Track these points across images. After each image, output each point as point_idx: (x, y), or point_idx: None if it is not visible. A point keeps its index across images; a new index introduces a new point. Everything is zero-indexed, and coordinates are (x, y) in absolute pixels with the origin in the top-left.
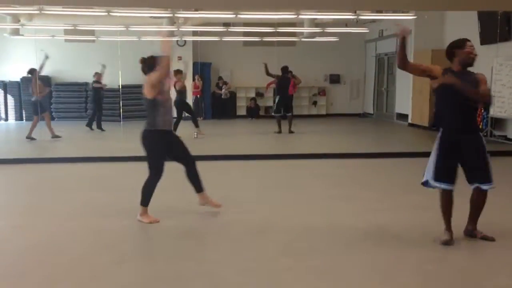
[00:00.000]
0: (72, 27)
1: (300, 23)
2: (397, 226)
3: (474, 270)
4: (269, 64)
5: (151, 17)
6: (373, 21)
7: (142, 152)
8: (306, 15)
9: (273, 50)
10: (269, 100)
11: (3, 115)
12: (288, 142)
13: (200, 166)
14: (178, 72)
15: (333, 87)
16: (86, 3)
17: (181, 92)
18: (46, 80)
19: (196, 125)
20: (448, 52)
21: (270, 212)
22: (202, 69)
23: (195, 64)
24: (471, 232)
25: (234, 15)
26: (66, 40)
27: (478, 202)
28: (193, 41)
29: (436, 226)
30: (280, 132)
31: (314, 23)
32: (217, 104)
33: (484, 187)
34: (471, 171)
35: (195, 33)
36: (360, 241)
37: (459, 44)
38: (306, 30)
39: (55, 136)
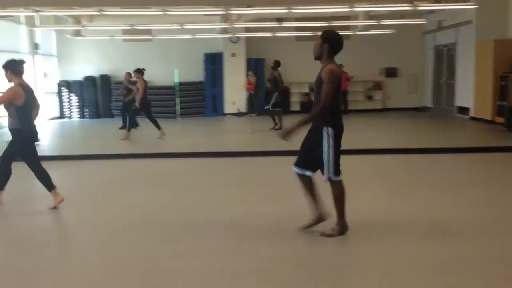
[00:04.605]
0: (130, 27)
1: (354, 16)
2: (458, 223)
3: None
4: None
5: (205, 14)
6: (431, 11)
7: (196, 149)
8: (361, 8)
9: None
10: None
11: (67, 113)
12: (343, 137)
13: (257, 161)
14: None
15: (390, 81)
16: (143, 3)
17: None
18: (106, 79)
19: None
20: None
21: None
22: (256, 66)
23: (248, 60)
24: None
25: (287, 10)
26: (124, 40)
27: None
28: (246, 38)
29: (497, 224)
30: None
31: (369, 15)
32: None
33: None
34: None
35: (248, 30)
36: (420, 238)
37: None
38: (360, 23)
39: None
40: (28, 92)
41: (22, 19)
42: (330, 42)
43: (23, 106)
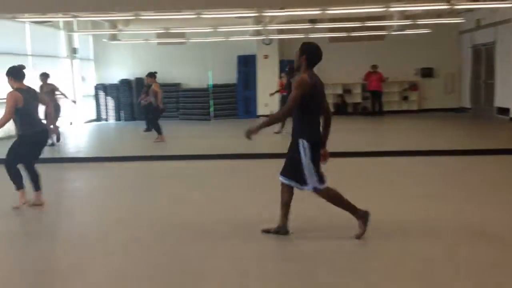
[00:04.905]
0: (164, 31)
1: (389, 16)
2: (491, 226)
3: None
4: (357, 60)
5: (238, 17)
6: (469, 10)
7: (229, 150)
8: (396, 7)
9: (360, 46)
10: (357, 96)
11: (103, 116)
12: (376, 139)
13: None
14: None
15: (426, 81)
16: (177, 7)
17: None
18: (141, 82)
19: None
20: None
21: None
22: (288, 68)
23: (281, 62)
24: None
25: (321, 11)
26: (158, 43)
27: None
28: (279, 39)
29: None
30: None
31: (404, 15)
32: None
33: None
34: None
35: (280, 31)
36: (453, 241)
37: None
38: (396, 23)
39: None
40: (27, 94)
41: (61, 24)
42: (307, 54)
43: (23, 109)
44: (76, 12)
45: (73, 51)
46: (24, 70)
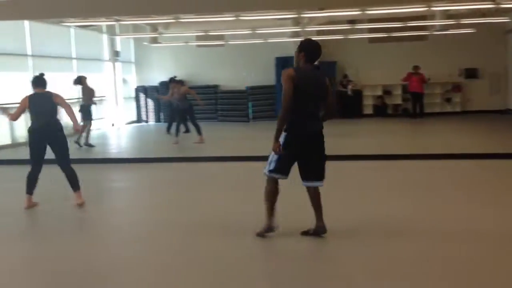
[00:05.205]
0: (204, 33)
1: (431, 16)
2: None
3: None
4: (397, 60)
5: (276, 19)
6: None
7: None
8: (439, 7)
9: (401, 46)
10: (398, 97)
11: (144, 117)
12: (419, 142)
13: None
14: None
15: (470, 82)
16: (217, 10)
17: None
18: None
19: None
20: None
21: (406, 216)
22: (328, 69)
23: (320, 64)
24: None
25: (361, 12)
26: (197, 46)
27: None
28: (318, 41)
29: None
30: None
31: (447, 14)
32: (343, 103)
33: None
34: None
35: (319, 32)
36: (506, 250)
37: None
38: (438, 22)
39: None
40: (38, 98)
41: (104, 28)
42: (305, 51)
43: (30, 110)
44: (119, 16)
45: (115, 54)
46: (44, 77)
